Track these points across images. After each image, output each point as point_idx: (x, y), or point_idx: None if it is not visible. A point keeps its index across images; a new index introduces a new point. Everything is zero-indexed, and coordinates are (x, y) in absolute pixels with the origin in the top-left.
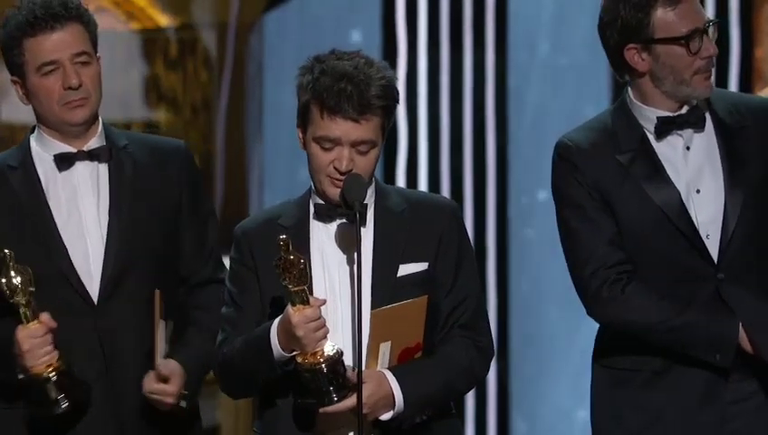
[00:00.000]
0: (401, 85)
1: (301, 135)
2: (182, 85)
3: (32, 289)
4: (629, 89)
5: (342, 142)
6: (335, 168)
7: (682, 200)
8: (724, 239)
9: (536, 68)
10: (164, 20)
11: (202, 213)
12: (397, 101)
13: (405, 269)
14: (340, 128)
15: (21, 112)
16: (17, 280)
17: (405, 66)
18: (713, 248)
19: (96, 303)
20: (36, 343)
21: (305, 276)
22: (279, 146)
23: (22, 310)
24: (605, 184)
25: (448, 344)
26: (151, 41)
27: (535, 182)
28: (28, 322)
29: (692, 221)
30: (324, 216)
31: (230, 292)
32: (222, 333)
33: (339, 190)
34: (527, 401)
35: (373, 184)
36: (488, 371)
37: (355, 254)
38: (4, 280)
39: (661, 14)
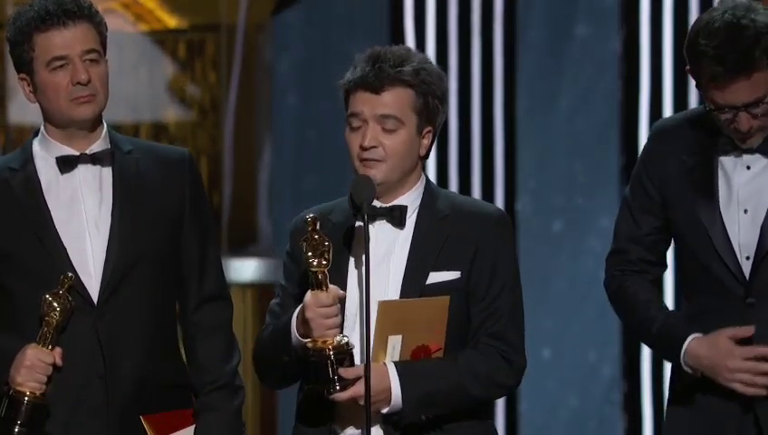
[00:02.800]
0: None
1: None
2: (190, 87)
3: (62, 324)
4: None
5: (366, 117)
6: (360, 146)
7: (723, 220)
8: (756, 262)
9: (545, 72)
10: (172, 22)
11: (204, 223)
12: (433, 89)
13: (435, 277)
14: (363, 101)
15: (29, 114)
16: (59, 306)
17: None
18: (749, 271)
19: (96, 303)
20: (38, 366)
21: (326, 259)
22: (287, 147)
23: (45, 329)
24: (667, 179)
25: (471, 349)
26: (160, 42)
27: (542, 187)
28: (44, 344)
29: (729, 241)
30: (368, 215)
31: (279, 285)
32: (266, 325)
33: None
34: (533, 399)
35: (423, 186)
36: (516, 382)
37: (364, 255)
38: (49, 296)
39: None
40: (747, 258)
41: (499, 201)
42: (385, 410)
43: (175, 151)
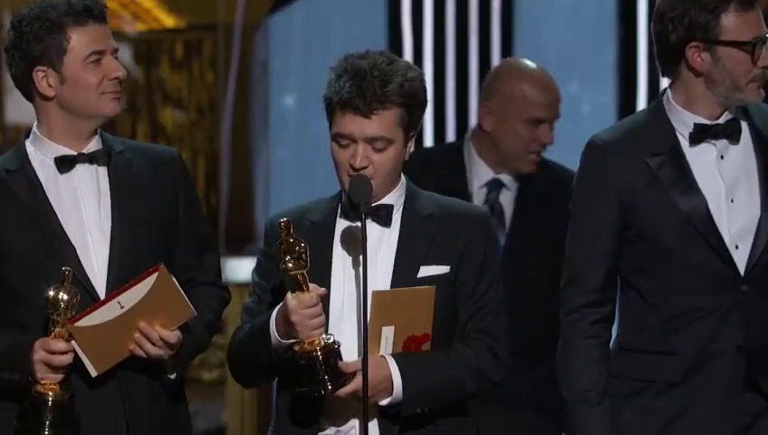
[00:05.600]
0: None
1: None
2: (188, 86)
3: (71, 313)
4: (670, 91)
5: (356, 138)
6: (350, 165)
7: (709, 209)
8: (755, 252)
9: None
10: (170, 21)
11: (197, 220)
12: (418, 99)
13: (426, 271)
14: (352, 123)
15: (25, 114)
16: (65, 298)
17: None
18: (740, 260)
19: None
20: (46, 356)
21: (304, 260)
22: (284, 146)
23: (55, 327)
24: (631, 186)
25: (461, 344)
26: (157, 42)
27: None
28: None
29: (718, 230)
30: (350, 214)
31: (254, 282)
32: (242, 323)
33: None
34: None
35: (404, 186)
36: (501, 377)
37: (361, 254)
38: (52, 293)
39: (732, 18)
40: (736, 247)
41: None
42: (385, 402)
43: (164, 151)
